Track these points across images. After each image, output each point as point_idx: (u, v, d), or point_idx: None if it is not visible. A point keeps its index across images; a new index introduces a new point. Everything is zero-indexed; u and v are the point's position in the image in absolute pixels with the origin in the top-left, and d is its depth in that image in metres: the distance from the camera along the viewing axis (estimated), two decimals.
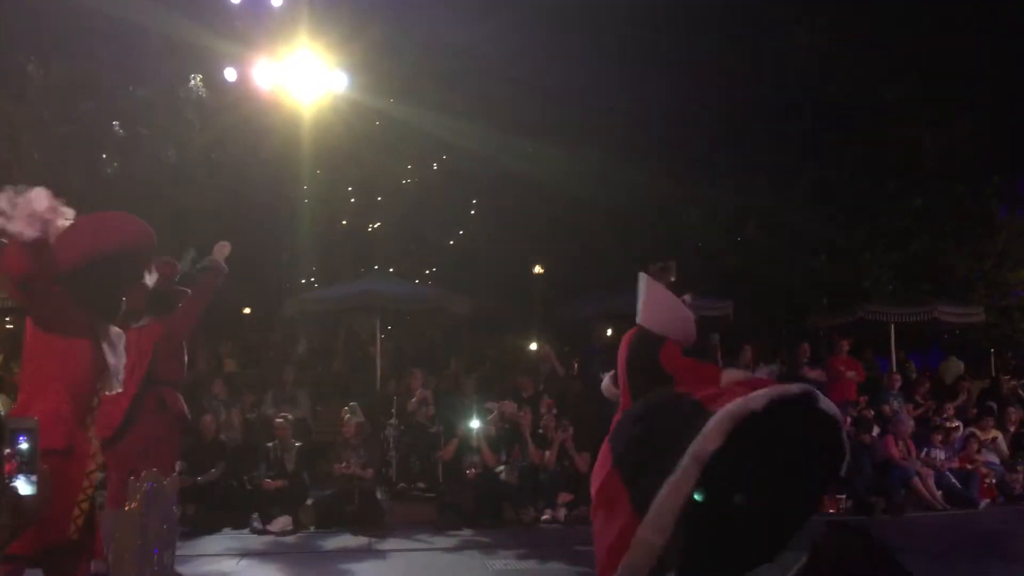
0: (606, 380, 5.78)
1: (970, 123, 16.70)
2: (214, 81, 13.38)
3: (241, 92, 13.30)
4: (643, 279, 5.32)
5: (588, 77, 16.99)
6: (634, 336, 5.31)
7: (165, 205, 11.86)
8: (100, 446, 4.13)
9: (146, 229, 4.21)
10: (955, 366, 14.83)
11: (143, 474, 3.58)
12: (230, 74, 13.15)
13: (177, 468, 6.90)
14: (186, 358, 6.48)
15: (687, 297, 5.37)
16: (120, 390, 4.27)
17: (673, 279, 5.41)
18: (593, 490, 4.89)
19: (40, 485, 2.17)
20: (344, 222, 17.95)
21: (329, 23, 13.52)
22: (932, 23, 16.48)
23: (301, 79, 12.90)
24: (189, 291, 6.43)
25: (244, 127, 13.72)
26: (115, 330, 4.15)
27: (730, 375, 4.61)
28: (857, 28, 16.78)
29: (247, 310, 16.76)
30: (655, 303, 5.23)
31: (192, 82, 13.20)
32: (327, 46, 13.10)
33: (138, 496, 3.46)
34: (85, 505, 3.92)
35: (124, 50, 12.88)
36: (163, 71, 13.19)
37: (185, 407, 6.39)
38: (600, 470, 4.81)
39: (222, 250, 6.39)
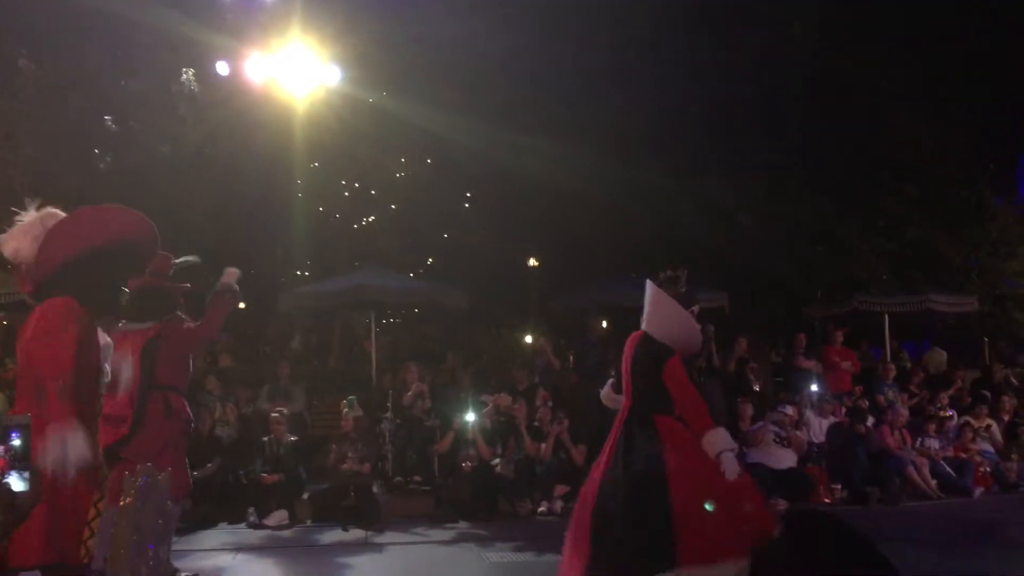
0: (606, 388, 5.80)
1: (965, 111, 16.71)
2: (206, 75, 13.32)
3: (233, 86, 13.24)
4: (649, 287, 5.35)
5: (582, 71, 16.96)
6: (639, 341, 5.33)
7: (158, 200, 11.80)
8: (107, 454, 4.07)
9: (143, 221, 4.15)
10: (939, 356, 14.89)
11: (137, 468, 3.56)
12: (222, 68, 13.09)
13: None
14: (191, 364, 6.47)
15: (696, 308, 5.41)
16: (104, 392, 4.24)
17: (684, 290, 5.42)
18: (575, 516, 5.04)
19: (33, 482, 2.17)
20: (337, 216, 17.89)
21: (322, 16, 13.45)
22: (926, 12, 16.50)
23: (294, 73, 12.83)
24: (188, 286, 6.40)
25: (237, 121, 13.66)
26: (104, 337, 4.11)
27: (712, 439, 4.81)
28: (851, 19, 16.78)
29: (241, 305, 16.70)
30: (662, 314, 5.26)
31: (184, 76, 13.14)
32: (320, 40, 13.04)
33: (132, 491, 3.45)
34: (96, 523, 3.84)
35: (116, 45, 12.83)
36: (155, 65, 13.14)
37: (190, 412, 6.36)
38: (583, 508, 4.94)
39: (231, 276, 6.35)
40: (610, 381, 5.74)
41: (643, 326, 5.33)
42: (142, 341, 5.98)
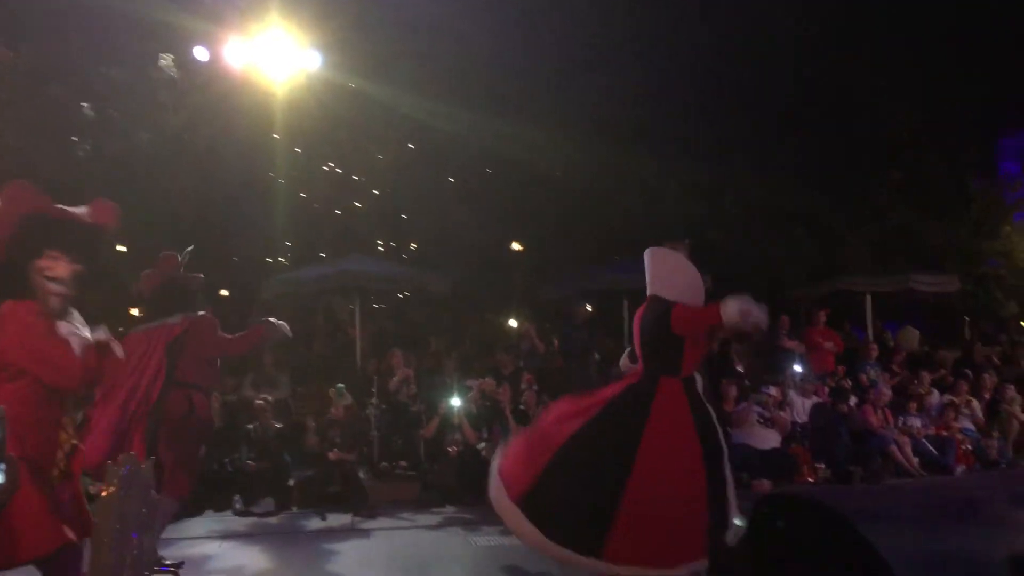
0: (624, 357, 5.86)
1: (948, 97, 16.79)
2: (185, 61, 13.20)
3: (213, 72, 13.13)
4: (649, 253, 5.39)
5: (565, 55, 16.94)
6: (647, 306, 5.38)
7: (139, 188, 11.73)
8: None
9: (29, 193, 3.85)
10: (911, 334, 14.98)
11: (120, 457, 3.54)
12: (201, 53, 12.97)
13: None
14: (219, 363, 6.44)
15: (707, 278, 5.48)
16: None
17: (686, 253, 5.50)
18: (539, 423, 5.08)
19: (9, 473, 2.15)
20: (319, 203, 17.82)
21: (301, 0, 13.36)
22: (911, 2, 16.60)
23: (273, 58, 12.73)
24: (201, 276, 6.36)
25: (217, 107, 13.57)
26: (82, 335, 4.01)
27: (726, 304, 4.88)
28: (838, 8, 16.84)
29: (224, 292, 16.65)
30: (664, 268, 5.31)
31: (163, 62, 13.03)
32: (299, 24, 12.94)
33: (116, 480, 3.43)
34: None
35: (95, 31, 12.69)
36: (134, 51, 13.02)
37: (212, 413, 6.30)
38: (545, 438, 4.97)
39: (285, 328, 6.42)
40: (628, 350, 5.80)
41: (649, 291, 5.38)
42: (170, 336, 5.91)
